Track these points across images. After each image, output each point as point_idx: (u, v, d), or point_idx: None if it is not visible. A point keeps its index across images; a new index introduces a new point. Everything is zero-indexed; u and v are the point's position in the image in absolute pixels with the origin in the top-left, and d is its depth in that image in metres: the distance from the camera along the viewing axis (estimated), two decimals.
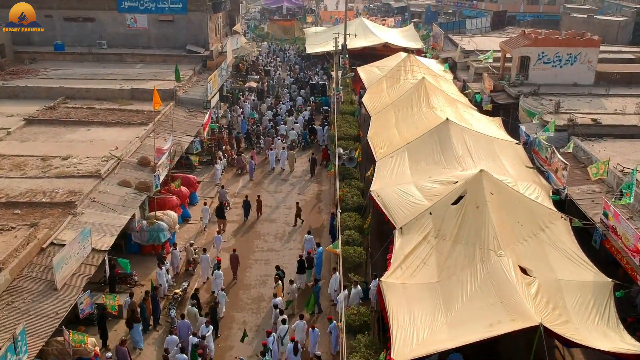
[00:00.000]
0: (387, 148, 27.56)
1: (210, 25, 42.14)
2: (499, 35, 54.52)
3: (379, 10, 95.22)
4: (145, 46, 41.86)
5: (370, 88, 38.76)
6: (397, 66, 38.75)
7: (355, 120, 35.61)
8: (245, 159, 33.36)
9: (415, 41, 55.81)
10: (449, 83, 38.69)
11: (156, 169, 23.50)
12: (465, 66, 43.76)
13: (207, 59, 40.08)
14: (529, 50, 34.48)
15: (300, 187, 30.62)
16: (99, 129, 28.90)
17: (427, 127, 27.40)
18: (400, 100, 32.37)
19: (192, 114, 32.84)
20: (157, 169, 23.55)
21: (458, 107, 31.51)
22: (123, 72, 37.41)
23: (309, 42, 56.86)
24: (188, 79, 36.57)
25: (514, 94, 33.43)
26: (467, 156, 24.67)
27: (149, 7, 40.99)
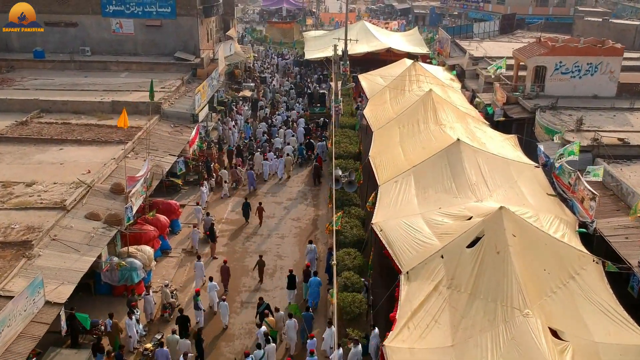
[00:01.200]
0: (390, 170, 24.78)
1: (202, 30, 39.38)
2: (509, 40, 51.73)
3: (381, 12, 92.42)
4: (132, 53, 39.11)
5: (372, 99, 35.94)
6: (402, 75, 35.98)
7: (355, 135, 32.82)
8: (240, 172, 30.79)
9: (420, 46, 52.99)
10: (458, 93, 35.86)
11: (128, 200, 20.71)
12: (474, 74, 40.92)
13: (197, 67, 37.34)
14: (546, 59, 31.64)
15: (296, 211, 27.79)
16: (73, 148, 26.15)
17: (435, 147, 24.61)
18: (405, 115, 29.57)
19: (177, 129, 30.06)
20: (130, 198, 20.75)
21: (469, 123, 28.69)
22: (106, 82, 34.65)
23: (307, 47, 54.08)
24: (175, 89, 33.79)
25: (529, 107, 30.59)
26: (481, 183, 21.89)
27: (136, 12, 38.23)
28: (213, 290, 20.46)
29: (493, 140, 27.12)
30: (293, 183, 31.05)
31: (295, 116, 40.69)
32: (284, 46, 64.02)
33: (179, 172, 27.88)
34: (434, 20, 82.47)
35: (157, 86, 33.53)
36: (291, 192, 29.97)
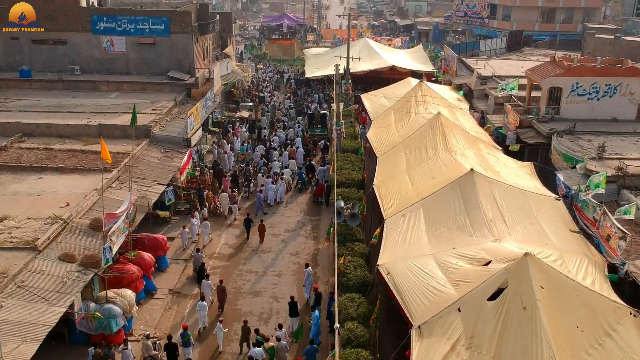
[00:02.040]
0: (397, 202, 22.73)
1: (197, 48, 37.56)
2: (517, 57, 49.92)
3: (384, 28, 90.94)
4: (124, 72, 37.26)
5: (376, 120, 33.99)
6: (407, 96, 34.08)
7: (358, 160, 30.76)
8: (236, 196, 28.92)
9: (425, 63, 51.19)
10: (466, 115, 33.91)
11: (107, 239, 18.64)
12: (483, 94, 39.00)
13: (191, 87, 35.44)
14: (561, 80, 29.70)
15: (294, 245, 25.68)
16: (53, 176, 24.17)
17: (446, 177, 22.59)
18: (412, 140, 27.58)
19: (168, 154, 28.07)
20: (109, 237, 18.68)
21: (481, 149, 26.71)
22: (95, 103, 32.77)
23: (308, 64, 52.25)
24: (167, 111, 31.86)
25: (545, 131, 28.58)
26: (498, 219, 19.84)
27: (128, 29, 36.42)
28: (203, 310, 19.71)
29: (507, 168, 25.12)
30: (292, 212, 28.99)
31: (293, 135, 38.87)
32: (284, 63, 62.26)
33: (168, 203, 25.79)
34: (438, 37, 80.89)
35: (147, 108, 31.96)
36: (289, 222, 27.89)
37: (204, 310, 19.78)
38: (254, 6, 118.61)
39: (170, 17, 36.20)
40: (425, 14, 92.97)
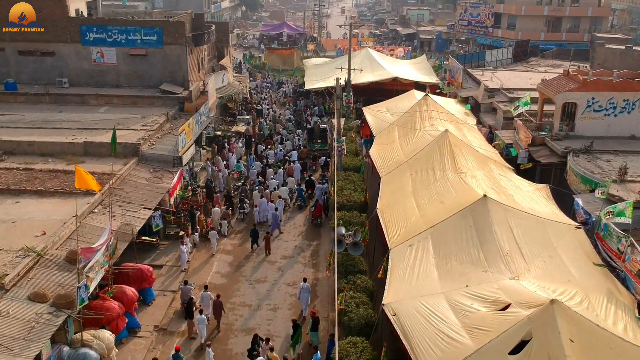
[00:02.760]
0: (403, 229, 20.95)
1: (191, 60, 35.85)
2: (525, 68, 48.24)
3: (385, 37, 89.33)
4: (114, 84, 35.52)
5: (379, 136, 32.24)
6: (412, 110, 32.34)
7: (360, 180, 28.95)
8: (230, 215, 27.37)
9: (429, 75, 49.49)
10: (474, 131, 32.14)
11: (82, 275, 16.81)
12: (491, 108, 37.26)
13: (184, 101, 33.67)
14: (576, 95, 27.96)
15: (291, 274, 23.82)
16: (31, 200, 22.37)
17: (456, 202, 20.81)
18: (418, 159, 25.81)
19: (157, 174, 26.28)
20: (85, 275, 16.85)
21: (492, 169, 24.93)
22: (82, 118, 31.01)
23: (308, 75, 50.52)
24: (158, 127, 30.10)
25: (559, 150, 26.79)
26: (515, 252, 18.07)
27: (118, 40, 34.72)
28: (202, 323, 19.32)
29: (521, 191, 23.31)
30: (289, 235, 27.16)
31: (290, 147, 37.27)
32: (284, 73, 60.58)
33: (156, 229, 23.96)
34: (440, 46, 79.33)
35: (137, 123, 30.21)
36: (286, 247, 26.06)
37: (203, 324, 19.29)
38: (254, 14, 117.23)
39: (163, 28, 34.49)
40: (427, 23, 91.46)
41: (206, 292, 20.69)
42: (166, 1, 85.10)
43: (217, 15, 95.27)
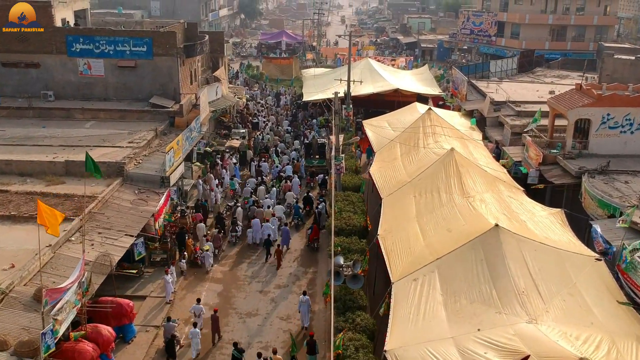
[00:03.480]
0: (406, 260, 19.23)
1: (183, 72, 34.19)
2: (531, 79, 46.58)
3: (386, 46, 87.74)
4: (102, 98, 33.83)
5: (380, 153, 30.56)
6: (414, 125, 30.69)
7: (360, 200, 27.16)
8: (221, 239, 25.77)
9: (432, 86, 47.76)
10: (480, 147, 30.42)
11: (48, 319, 15.01)
12: (497, 122, 35.56)
13: (175, 115, 31.97)
14: (590, 111, 26.25)
15: (285, 306, 22.01)
16: (3, 227, 20.66)
17: (464, 231, 19.10)
18: (422, 180, 24.10)
19: (142, 196, 24.53)
20: (52, 318, 15.05)
21: (501, 191, 23.23)
22: (66, 134, 29.31)
23: (306, 87, 48.84)
24: (146, 143, 28.37)
25: (573, 170, 25.04)
26: (531, 290, 16.39)
27: (106, 51, 33.07)
28: (196, 337, 19.02)
29: (534, 216, 21.57)
30: (283, 261, 25.34)
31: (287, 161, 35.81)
32: (281, 84, 58.90)
33: (138, 257, 22.18)
34: (442, 55, 77.79)
35: (124, 140, 28.47)
36: (281, 275, 24.26)
37: (196, 338, 18.99)
38: (253, 22, 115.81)
39: (153, 38, 32.84)
40: (428, 31, 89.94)
41: (198, 305, 20.29)
42: (163, 9, 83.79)
43: (215, 24, 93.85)
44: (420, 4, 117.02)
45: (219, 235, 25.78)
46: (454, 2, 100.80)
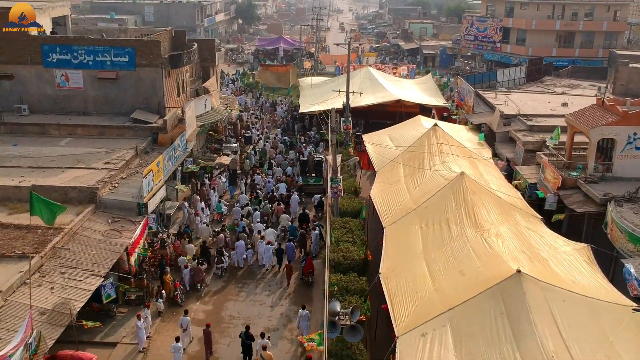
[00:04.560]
0: (414, 309, 16.73)
1: (169, 83, 31.68)
2: (541, 89, 44.10)
3: (387, 52, 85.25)
4: (81, 112, 31.36)
5: (381, 173, 28.04)
6: (419, 142, 28.15)
7: (360, 228, 24.52)
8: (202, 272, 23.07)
9: (435, 96, 45.26)
10: (491, 167, 27.86)
11: None
12: (507, 137, 33.00)
13: (158, 131, 29.42)
14: (615, 130, 23.70)
15: (275, 354, 19.30)
16: None
17: (480, 275, 16.54)
18: (429, 208, 21.54)
19: (117, 226, 21.95)
20: None
21: (518, 222, 20.66)
22: (38, 153, 26.82)
23: (303, 97, 46.29)
24: (124, 164, 25.81)
25: (598, 197, 22.46)
26: (562, 352, 13.95)
27: (85, 61, 30.57)
28: (178, 352, 18.15)
29: (557, 253, 18.99)
30: (273, 297, 22.74)
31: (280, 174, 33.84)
32: (278, 93, 56.34)
33: (107, 300, 19.56)
34: (445, 62, 75.24)
35: (100, 160, 25.90)
36: (270, 316, 21.56)
37: (179, 353, 18.15)
38: (251, 28, 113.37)
39: (135, 48, 30.33)
40: (430, 37, 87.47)
41: (185, 317, 19.55)
42: (157, 15, 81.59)
43: (211, 29, 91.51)
44: (422, 9, 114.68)
45: (200, 268, 23.11)
46: (456, 7, 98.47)
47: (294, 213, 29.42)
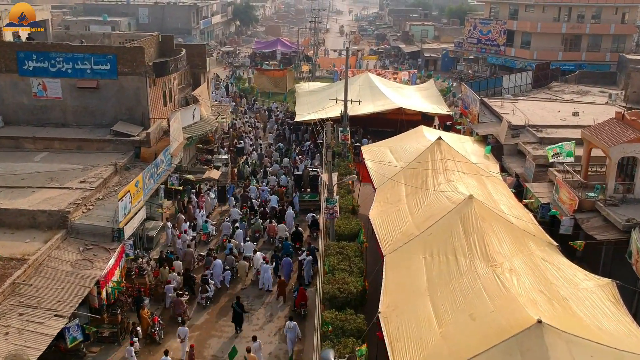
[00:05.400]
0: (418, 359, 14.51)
1: (154, 92, 29.62)
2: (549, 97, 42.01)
3: (387, 55, 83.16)
4: (60, 123, 29.29)
5: (380, 191, 26.06)
6: (422, 158, 26.16)
7: (358, 254, 22.35)
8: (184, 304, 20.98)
9: (438, 103, 43.20)
10: (500, 186, 25.77)
11: None
12: (515, 149, 30.90)
13: (141, 145, 27.33)
14: (638, 147, 21.56)
15: None
16: None
17: (495, 324, 14.47)
18: (434, 235, 19.50)
19: (89, 255, 19.88)
20: None
21: (533, 254, 18.54)
22: (8, 170, 24.71)
23: (299, 104, 44.18)
24: (101, 183, 23.71)
25: (620, 223, 20.35)
26: None
27: (64, 69, 28.51)
28: None
29: (579, 290, 16.90)
30: (262, 333, 20.58)
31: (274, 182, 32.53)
32: (273, 98, 54.21)
33: (71, 344, 17.43)
34: (447, 65, 73.21)
35: (76, 178, 23.82)
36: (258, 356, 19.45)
37: None
38: (249, 29, 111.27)
39: (117, 55, 28.24)
40: (432, 40, 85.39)
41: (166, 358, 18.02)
42: (152, 17, 79.55)
43: (208, 32, 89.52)
44: (422, 10, 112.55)
45: (180, 300, 20.97)
46: (458, 9, 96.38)
47: (290, 225, 27.65)
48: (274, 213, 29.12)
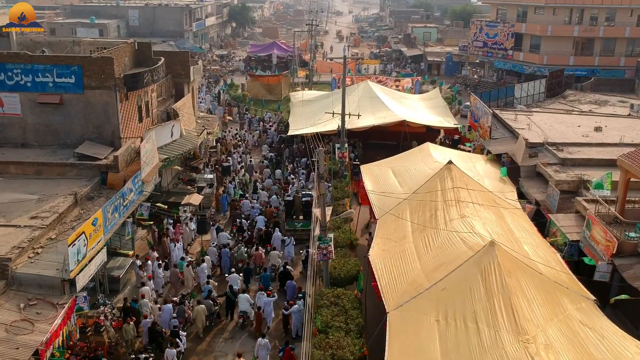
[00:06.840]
0: None
1: (126, 108, 26.22)
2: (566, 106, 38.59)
3: (389, 58, 79.66)
4: (19, 143, 25.92)
5: (382, 223, 22.70)
6: (431, 186, 22.76)
7: (356, 306, 18.89)
8: None
9: (445, 115, 39.71)
10: (521, 218, 22.40)
11: None
12: (534, 171, 27.45)
13: (108, 170, 23.86)
14: None
15: None
16: None
17: None
18: (449, 292, 16.24)
19: (30, 313, 16.44)
20: None
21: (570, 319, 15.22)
22: None
23: (293, 115, 40.68)
24: (56, 219, 20.23)
25: None
26: None
27: (22, 82, 25.15)
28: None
29: None
30: None
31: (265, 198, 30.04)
32: (267, 107, 50.72)
33: None
34: (451, 69, 69.69)
35: (28, 212, 20.45)
36: None
37: None
38: (245, 32, 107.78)
39: (82, 66, 24.85)
40: (435, 43, 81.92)
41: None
42: (142, 19, 76.18)
43: (202, 34, 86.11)
44: (425, 11, 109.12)
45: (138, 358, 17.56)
46: (462, 10, 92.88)
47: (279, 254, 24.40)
48: (260, 235, 25.98)
